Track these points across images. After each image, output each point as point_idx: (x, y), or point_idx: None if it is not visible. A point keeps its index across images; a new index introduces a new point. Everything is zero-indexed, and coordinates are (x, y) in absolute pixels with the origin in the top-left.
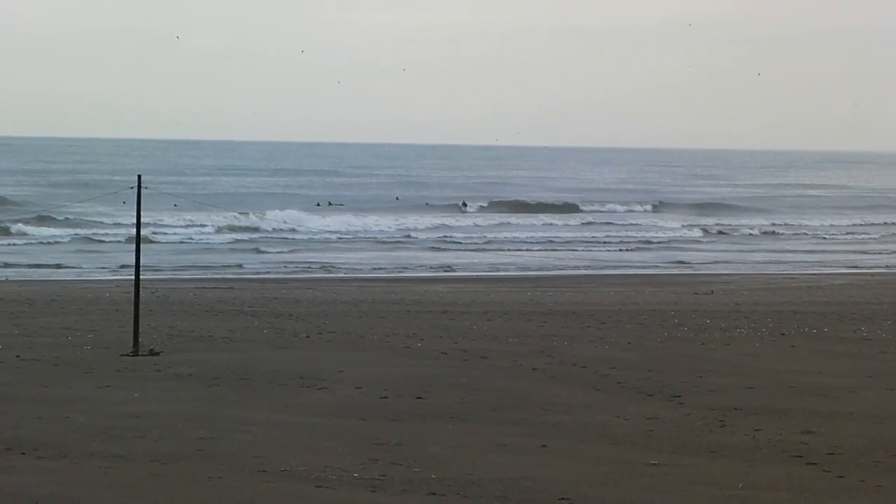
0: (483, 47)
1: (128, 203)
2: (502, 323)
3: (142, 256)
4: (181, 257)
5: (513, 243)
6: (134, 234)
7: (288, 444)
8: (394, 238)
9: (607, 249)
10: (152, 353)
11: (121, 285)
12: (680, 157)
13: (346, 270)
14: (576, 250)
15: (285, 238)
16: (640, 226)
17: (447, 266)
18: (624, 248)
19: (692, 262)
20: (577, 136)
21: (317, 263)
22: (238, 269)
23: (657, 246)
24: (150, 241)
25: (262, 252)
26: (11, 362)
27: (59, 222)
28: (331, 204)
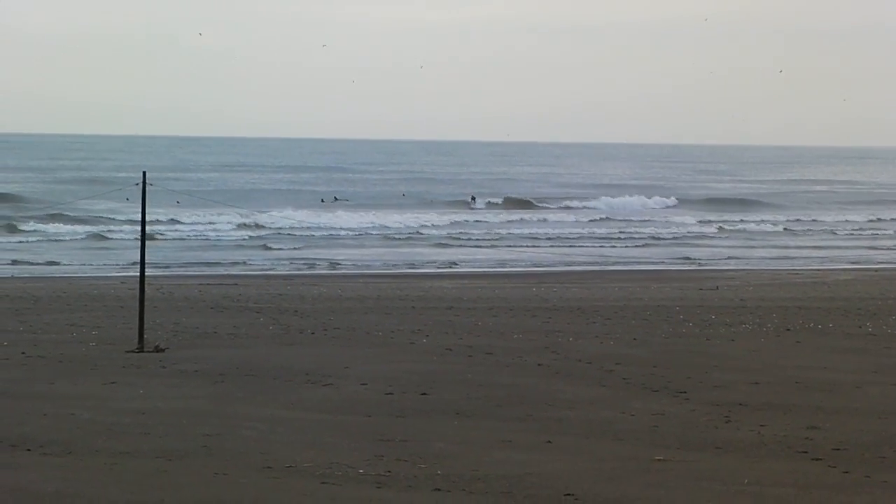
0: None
1: (131, 199)
2: (507, 319)
3: (148, 253)
4: (186, 254)
5: (520, 239)
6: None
7: (293, 440)
8: (400, 234)
9: (612, 246)
10: (157, 350)
11: (126, 282)
12: (682, 152)
13: (351, 267)
14: (583, 246)
15: (292, 234)
16: (655, 222)
17: (452, 262)
18: (632, 245)
19: (699, 258)
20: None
21: (322, 260)
22: (243, 265)
23: (668, 242)
24: (156, 237)
25: (269, 249)
26: (17, 359)
27: (68, 218)
28: (336, 199)
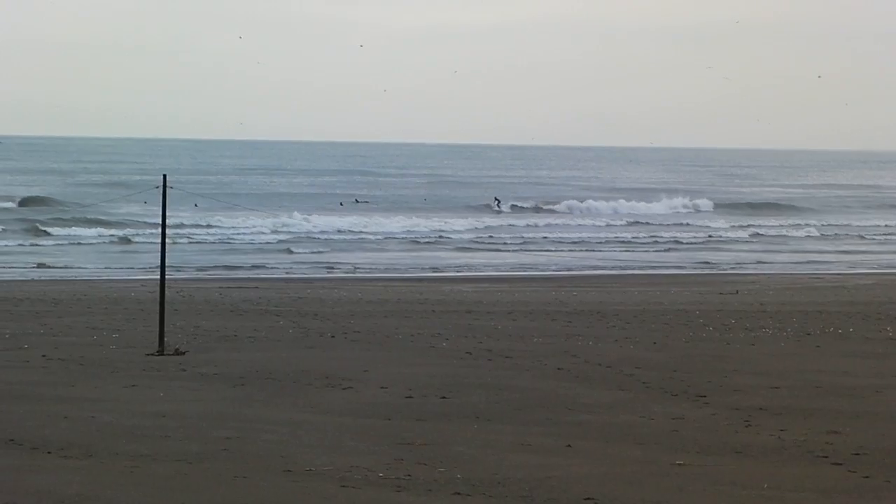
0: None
1: (150, 203)
2: (527, 323)
3: (168, 256)
4: (207, 257)
5: (544, 243)
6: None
7: (313, 443)
8: (422, 238)
9: (635, 250)
10: (178, 353)
11: (146, 284)
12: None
13: (371, 270)
14: (606, 250)
15: (315, 238)
16: (686, 226)
17: (472, 266)
18: (655, 249)
19: (720, 262)
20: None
21: (344, 263)
22: (264, 269)
23: (693, 246)
24: (177, 241)
25: (292, 252)
26: (37, 361)
27: (90, 221)
28: (357, 202)
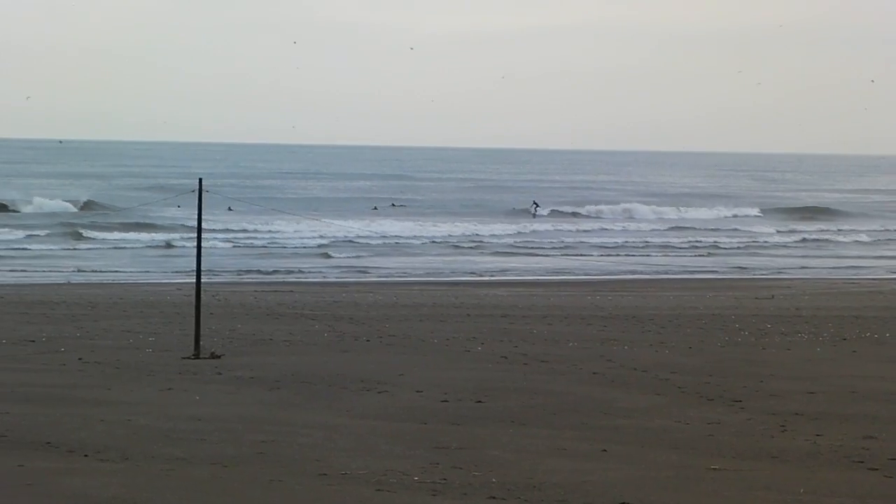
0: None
1: (183, 206)
2: (562, 327)
3: (205, 260)
4: (244, 261)
5: (585, 248)
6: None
7: (348, 447)
8: (459, 242)
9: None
10: (213, 357)
11: (182, 288)
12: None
13: (406, 274)
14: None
15: (353, 242)
16: (728, 231)
17: (508, 270)
18: (694, 254)
19: (758, 267)
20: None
21: (382, 268)
22: (300, 273)
23: (730, 251)
24: (213, 244)
25: (329, 257)
26: (73, 365)
27: (128, 225)
28: (393, 206)
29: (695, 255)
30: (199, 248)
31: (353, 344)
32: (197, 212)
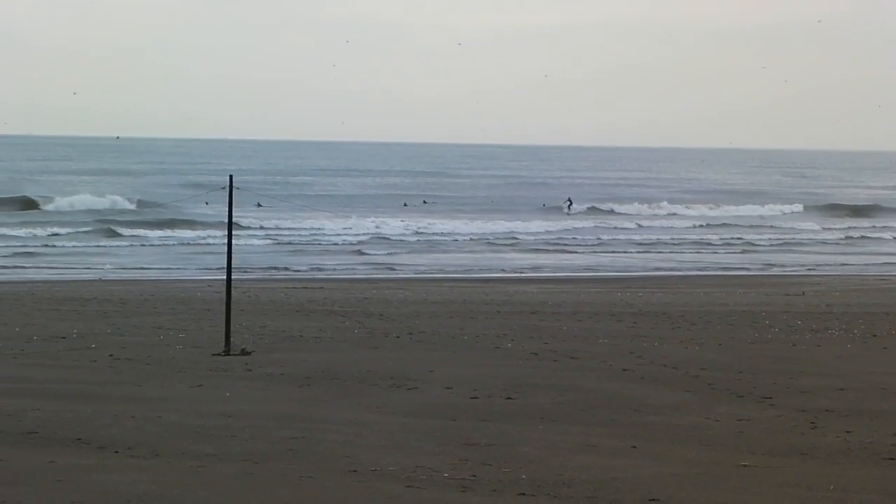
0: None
1: (210, 204)
2: (592, 324)
3: (236, 256)
4: (276, 258)
5: (612, 245)
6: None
7: (378, 443)
8: (489, 239)
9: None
10: (244, 353)
11: (212, 285)
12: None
13: (436, 271)
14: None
15: (387, 239)
16: (767, 228)
17: (539, 266)
18: (728, 251)
19: (790, 263)
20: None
21: (414, 265)
22: (330, 269)
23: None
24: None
25: (363, 254)
26: (104, 361)
27: (162, 222)
28: (425, 202)
29: (727, 252)
30: (230, 244)
31: (383, 340)
32: (228, 208)
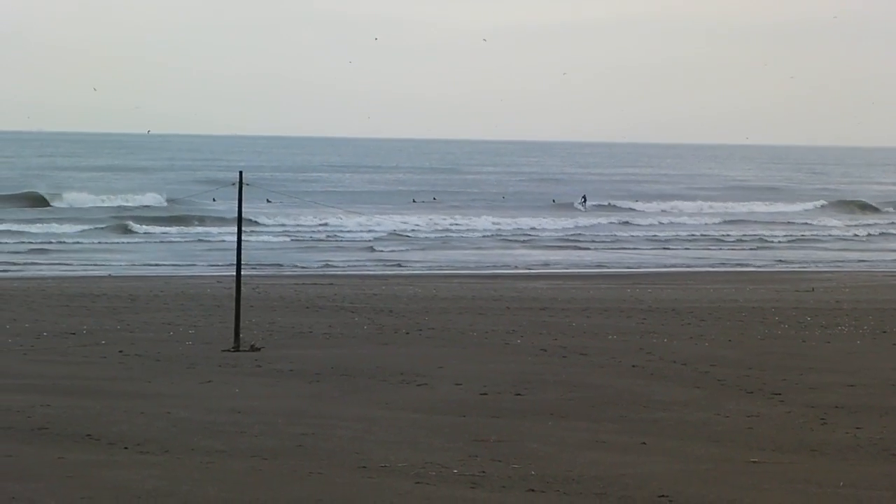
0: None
1: (220, 200)
2: (602, 320)
3: (246, 253)
4: (284, 254)
5: (627, 242)
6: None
7: (388, 440)
8: (501, 235)
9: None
10: (253, 349)
11: (222, 281)
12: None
13: (445, 267)
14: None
15: (400, 236)
16: (783, 225)
17: (549, 262)
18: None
19: (799, 260)
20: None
21: (425, 261)
22: (339, 265)
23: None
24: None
25: (375, 251)
26: (114, 357)
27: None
28: (435, 199)
29: (739, 249)
30: (240, 240)
31: (393, 336)
32: (237, 205)
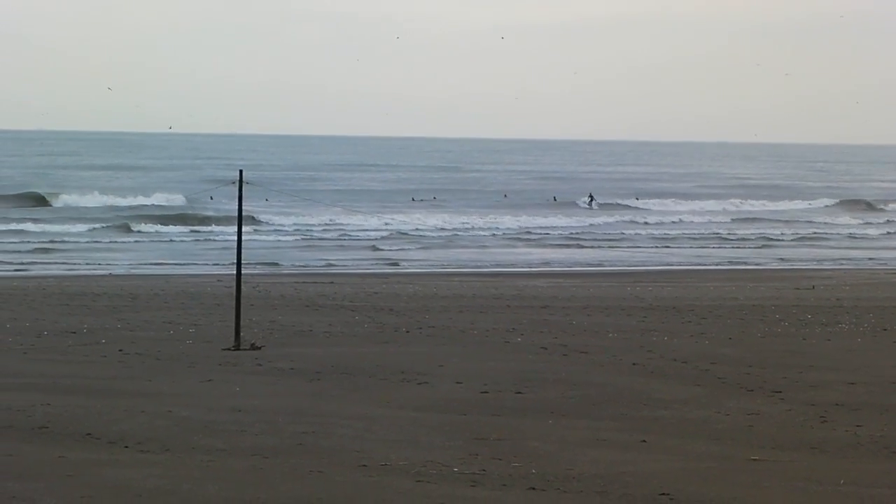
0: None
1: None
2: (602, 318)
3: (248, 252)
4: (285, 252)
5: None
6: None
7: (388, 438)
8: (504, 234)
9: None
10: (254, 348)
11: (222, 279)
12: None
13: (445, 266)
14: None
15: (405, 235)
16: (807, 223)
17: (550, 261)
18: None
19: (800, 258)
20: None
21: (428, 260)
22: (340, 264)
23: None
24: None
25: (378, 250)
26: (114, 356)
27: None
28: (435, 198)
29: (739, 247)
30: (240, 239)
31: (394, 335)
32: (238, 204)
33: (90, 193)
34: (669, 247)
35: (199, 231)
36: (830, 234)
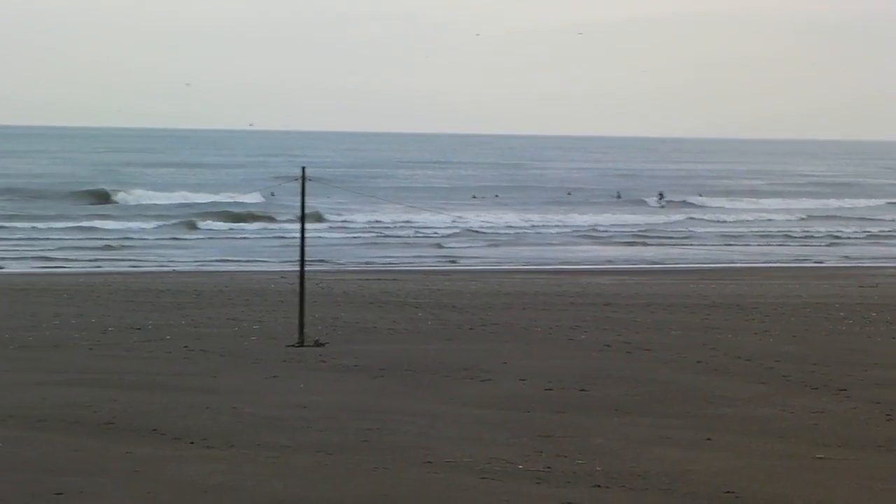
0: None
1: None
2: (666, 315)
3: (312, 249)
4: (350, 250)
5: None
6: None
7: (453, 435)
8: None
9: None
10: (318, 344)
11: (286, 276)
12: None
13: (509, 263)
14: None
15: (471, 232)
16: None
17: (612, 258)
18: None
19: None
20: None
21: (484, 257)
22: (402, 260)
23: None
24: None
25: (442, 247)
26: (179, 353)
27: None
28: (497, 196)
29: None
30: (303, 236)
31: (457, 332)
32: (300, 201)
33: (157, 190)
34: (729, 245)
35: (265, 228)
36: (892, 231)
